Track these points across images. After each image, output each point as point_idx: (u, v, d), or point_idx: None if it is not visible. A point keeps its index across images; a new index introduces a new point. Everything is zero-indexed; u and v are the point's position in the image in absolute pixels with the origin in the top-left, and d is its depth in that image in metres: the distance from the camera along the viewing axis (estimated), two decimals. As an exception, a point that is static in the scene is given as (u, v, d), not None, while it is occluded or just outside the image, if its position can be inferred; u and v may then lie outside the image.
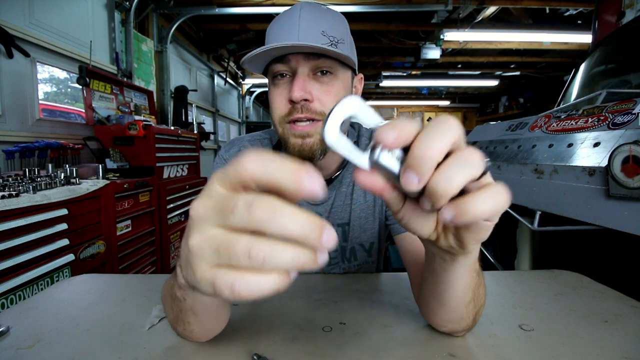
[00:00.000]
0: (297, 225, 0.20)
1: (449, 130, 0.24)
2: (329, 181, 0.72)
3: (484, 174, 0.25)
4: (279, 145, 0.77)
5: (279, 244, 0.21)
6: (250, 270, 0.21)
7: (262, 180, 0.21)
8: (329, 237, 0.21)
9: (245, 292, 0.21)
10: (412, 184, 0.23)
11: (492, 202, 0.25)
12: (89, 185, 1.58)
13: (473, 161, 0.24)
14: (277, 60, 0.61)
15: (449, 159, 0.24)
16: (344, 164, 0.74)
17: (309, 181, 0.21)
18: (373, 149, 0.24)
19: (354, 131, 0.79)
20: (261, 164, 0.21)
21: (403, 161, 0.24)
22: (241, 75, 6.32)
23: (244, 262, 0.21)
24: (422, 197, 0.25)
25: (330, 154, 0.70)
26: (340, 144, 0.23)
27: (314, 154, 0.62)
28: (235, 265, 0.21)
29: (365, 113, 0.25)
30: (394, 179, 0.24)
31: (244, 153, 0.22)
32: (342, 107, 0.24)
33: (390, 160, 0.24)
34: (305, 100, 0.59)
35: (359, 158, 0.24)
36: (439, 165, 0.24)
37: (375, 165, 0.24)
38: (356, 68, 0.67)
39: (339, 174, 0.73)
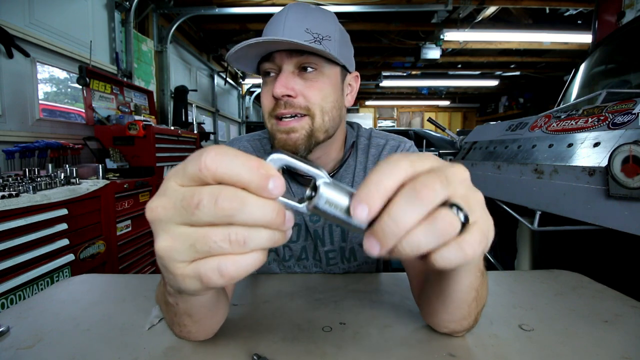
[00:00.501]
0: (264, 214, 0.22)
1: (426, 197, 0.22)
2: None
3: (465, 223, 0.24)
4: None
5: (252, 228, 0.22)
6: (231, 253, 0.22)
7: (227, 179, 0.21)
8: (290, 219, 0.23)
9: (233, 271, 0.22)
10: (374, 251, 0.23)
11: (455, 254, 0.23)
12: (89, 185, 1.58)
13: (446, 228, 0.22)
14: (265, 59, 0.62)
15: (424, 222, 0.23)
16: (342, 162, 0.74)
17: (273, 184, 0.21)
18: (310, 197, 0.25)
19: (353, 131, 0.79)
20: (224, 162, 0.21)
21: (346, 211, 0.24)
22: (241, 75, 6.32)
23: (225, 248, 0.21)
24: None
25: (327, 152, 0.70)
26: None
27: (297, 149, 0.62)
28: (214, 255, 0.22)
29: (296, 163, 0.25)
30: (336, 222, 0.25)
31: (207, 150, 0.22)
32: (272, 162, 0.25)
33: (330, 208, 0.24)
34: (288, 96, 0.60)
35: (297, 206, 0.25)
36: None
37: (315, 211, 0.25)
38: (347, 65, 0.67)
39: (336, 172, 0.73)
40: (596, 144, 1.12)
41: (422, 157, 0.25)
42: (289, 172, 0.72)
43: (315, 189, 0.25)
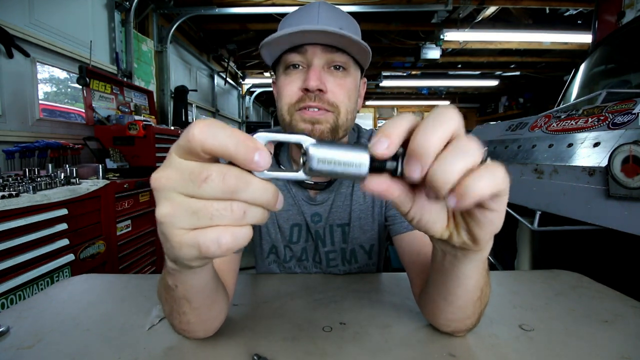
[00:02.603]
0: (264, 195, 0.24)
1: (448, 120, 0.24)
2: (329, 182, 0.72)
3: (484, 161, 0.25)
4: (280, 144, 0.77)
5: (250, 205, 0.24)
6: (229, 225, 0.24)
7: (215, 150, 0.23)
8: (281, 201, 0.26)
9: (230, 242, 0.24)
10: (415, 172, 0.24)
11: (488, 179, 0.24)
12: (89, 185, 1.58)
13: (471, 149, 0.24)
14: (293, 50, 0.61)
15: (448, 147, 0.24)
16: None
17: (259, 156, 0.23)
18: (304, 162, 0.25)
19: (354, 133, 0.79)
20: (213, 134, 0.22)
21: (341, 163, 0.25)
22: (241, 75, 6.32)
23: (226, 218, 0.23)
24: (427, 188, 0.25)
25: None
26: (274, 172, 0.25)
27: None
28: (214, 225, 0.23)
29: (279, 136, 0.26)
30: (337, 176, 0.26)
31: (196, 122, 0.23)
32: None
33: (324, 166, 0.25)
34: (320, 90, 0.59)
35: (296, 175, 0.26)
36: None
37: (312, 173, 0.25)
38: (364, 69, 0.69)
39: None
40: (596, 144, 1.12)
41: None
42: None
43: (305, 154, 0.25)
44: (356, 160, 0.25)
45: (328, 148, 0.25)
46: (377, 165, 0.25)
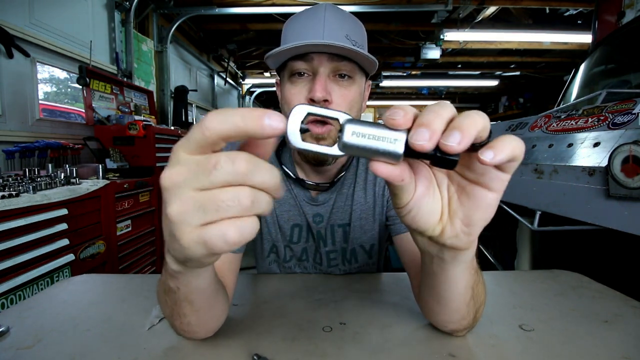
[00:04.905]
0: (272, 178, 0.23)
1: (450, 106, 0.26)
2: (331, 184, 0.73)
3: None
4: (283, 144, 0.77)
5: (258, 191, 0.23)
6: (235, 218, 0.23)
7: (229, 133, 0.22)
8: (283, 188, 0.27)
9: (237, 237, 0.23)
10: (424, 139, 0.24)
11: (513, 142, 0.26)
12: (89, 185, 1.58)
13: (483, 116, 0.26)
14: (298, 57, 0.60)
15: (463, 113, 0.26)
16: (346, 166, 0.74)
17: (268, 119, 0.22)
18: (339, 138, 0.26)
19: None
20: (223, 119, 0.22)
21: (376, 138, 0.25)
22: (241, 75, 6.32)
23: (233, 208, 0.22)
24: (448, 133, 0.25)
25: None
26: (308, 144, 0.26)
27: (327, 157, 0.62)
28: (221, 218, 0.23)
29: (317, 109, 0.27)
30: (371, 154, 0.26)
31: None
32: (296, 112, 0.26)
33: (359, 140, 0.25)
34: (325, 101, 0.59)
35: (329, 149, 0.26)
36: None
37: (346, 149, 0.26)
38: (370, 75, 0.68)
39: (341, 176, 0.73)
40: (596, 144, 1.12)
41: None
42: (296, 178, 0.72)
43: (341, 130, 0.26)
44: (391, 135, 0.25)
45: (363, 124, 0.25)
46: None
